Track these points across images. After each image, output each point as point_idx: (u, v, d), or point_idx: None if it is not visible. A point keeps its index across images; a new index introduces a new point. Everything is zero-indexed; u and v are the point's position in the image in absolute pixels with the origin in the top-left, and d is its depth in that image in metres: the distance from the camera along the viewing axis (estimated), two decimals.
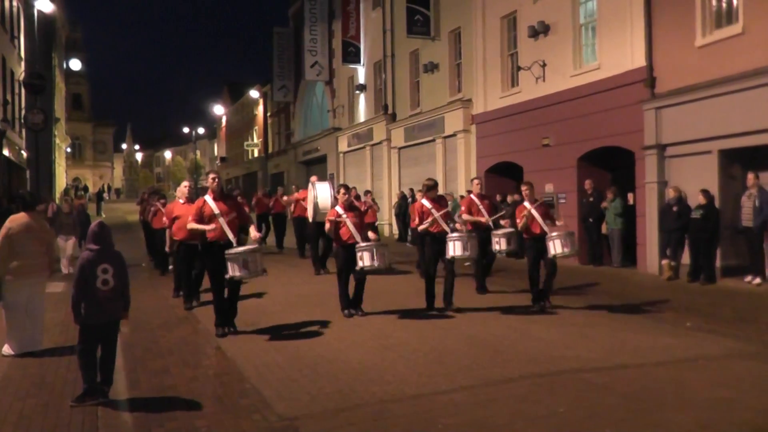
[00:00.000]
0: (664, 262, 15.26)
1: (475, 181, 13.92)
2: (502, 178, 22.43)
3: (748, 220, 13.60)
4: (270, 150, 53.33)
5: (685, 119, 15.00)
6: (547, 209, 12.64)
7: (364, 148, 32.57)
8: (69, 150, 74.81)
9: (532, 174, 20.28)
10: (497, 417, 6.30)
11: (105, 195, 64.63)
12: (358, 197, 19.36)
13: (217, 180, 10.34)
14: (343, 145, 35.35)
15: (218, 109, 70.12)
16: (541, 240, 11.85)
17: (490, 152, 22.52)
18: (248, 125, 61.94)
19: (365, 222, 13.48)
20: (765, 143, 13.44)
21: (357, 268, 10.90)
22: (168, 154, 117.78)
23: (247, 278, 9.77)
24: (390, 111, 29.93)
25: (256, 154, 58.57)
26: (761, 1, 13.38)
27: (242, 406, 6.80)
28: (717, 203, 14.36)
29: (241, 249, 9.61)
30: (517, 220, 12.19)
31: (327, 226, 11.38)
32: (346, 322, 10.93)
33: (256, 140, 58.97)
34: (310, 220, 17.12)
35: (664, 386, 7.18)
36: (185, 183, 13.49)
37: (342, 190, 11.73)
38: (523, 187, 12.42)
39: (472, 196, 13.60)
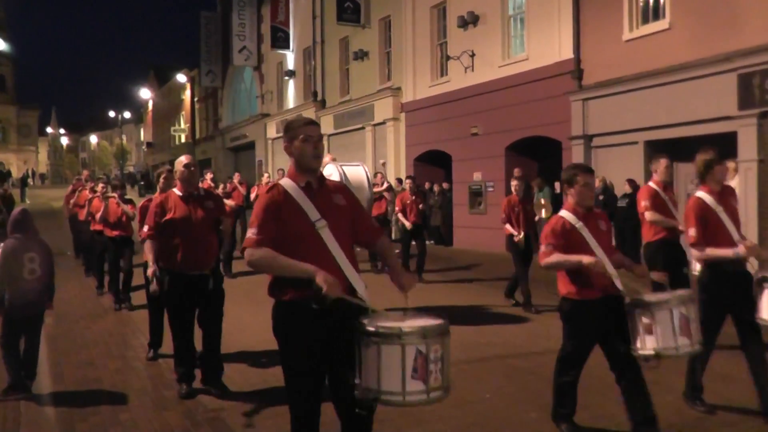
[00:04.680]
0: None
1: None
2: (432, 166, 22.53)
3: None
4: (197, 136, 52.48)
5: (612, 111, 15.29)
6: (734, 205, 6.10)
7: None
8: None
9: (461, 163, 20.45)
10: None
11: (29, 180, 62.64)
12: (390, 188, 16.19)
13: (320, 143, 4.14)
14: (271, 132, 34.98)
15: (144, 93, 68.68)
16: (739, 272, 5.77)
17: (419, 140, 22.58)
18: (175, 110, 60.83)
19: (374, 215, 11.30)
20: (688, 135, 13.81)
21: (640, 352, 5.05)
22: (94, 139, 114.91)
23: None
24: (319, 98, 29.74)
25: (183, 140, 57.52)
26: None
27: (168, 398, 6.64)
28: None
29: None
30: (690, 232, 5.81)
31: (550, 257, 5.20)
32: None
33: (183, 126, 57.94)
34: None
35: (589, 370, 7.25)
36: (184, 158, 6.86)
37: (581, 177, 5.27)
38: (703, 156, 6.01)
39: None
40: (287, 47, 32.98)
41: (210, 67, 43.24)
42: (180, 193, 6.68)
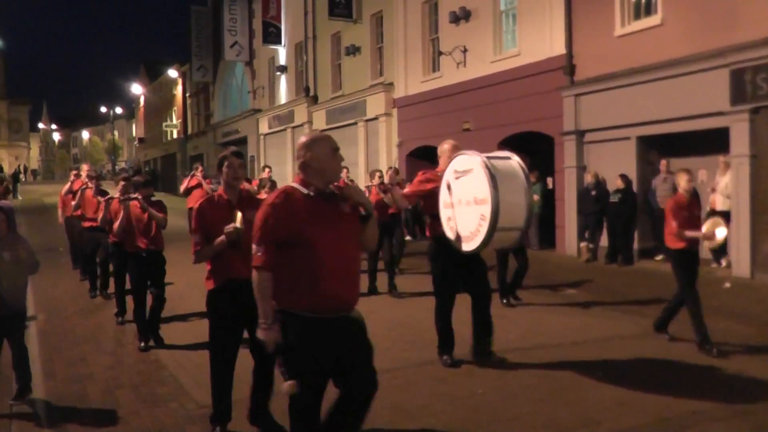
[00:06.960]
0: (583, 244, 15.58)
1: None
2: (424, 162, 22.46)
3: (664, 203, 14.00)
4: (189, 131, 52.35)
5: (604, 106, 15.28)
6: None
7: (285, 130, 32.21)
8: None
9: None
10: (416, 399, 6.29)
11: (21, 176, 62.32)
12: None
13: None
14: (263, 127, 34.92)
15: (136, 89, 68.49)
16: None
17: (411, 136, 22.56)
18: (167, 105, 60.64)
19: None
20: (680, 131, 13.84)
21: None
22: (85, 135, 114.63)
23: None
24: (311, 93, 29.66)
25: (174, 135, 57.40)
26: None
27: (159, 394, 6.63)
28: (635, 188, 14.74)
29: None
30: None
31: None
32: None
33: (174, 121, 57.77)
34: (468, 248, 7.05)
35: (580, 365, 7.29)
36: (320, 135, 4.83)
37: None
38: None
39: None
40: (279, 42, 32.87)
41: (201, 62, 43.15)
42: (308, 191, 4.11)
